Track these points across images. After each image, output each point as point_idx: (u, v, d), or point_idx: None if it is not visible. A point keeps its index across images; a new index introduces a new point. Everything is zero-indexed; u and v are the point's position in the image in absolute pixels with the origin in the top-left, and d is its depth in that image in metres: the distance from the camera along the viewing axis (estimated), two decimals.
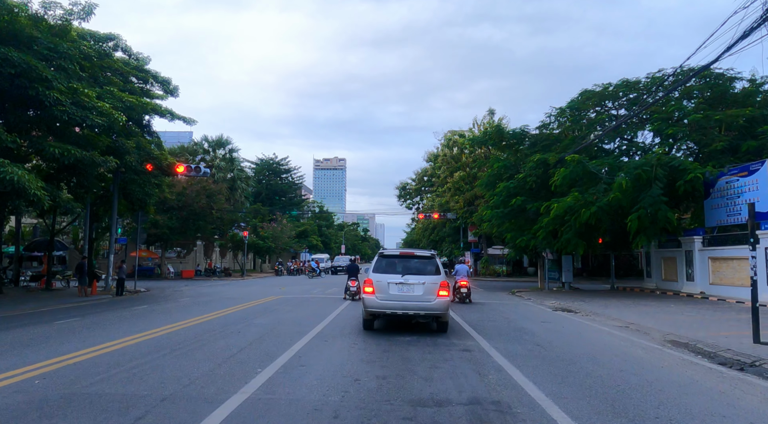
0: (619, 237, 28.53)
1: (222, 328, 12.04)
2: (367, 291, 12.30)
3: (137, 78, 25.46)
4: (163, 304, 19.26)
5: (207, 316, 14.69)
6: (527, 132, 29.84)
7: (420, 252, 13.16)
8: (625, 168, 21.88)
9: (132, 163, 23.44)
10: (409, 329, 12.61)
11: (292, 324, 12.89)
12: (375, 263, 12.82)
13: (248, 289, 29.10)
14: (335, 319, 14.33)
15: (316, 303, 19.49)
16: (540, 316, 16.56)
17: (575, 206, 22.88)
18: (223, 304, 18.84)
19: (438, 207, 55.63)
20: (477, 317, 15.57)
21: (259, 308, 17.04)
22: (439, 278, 12.45)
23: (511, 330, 12.82)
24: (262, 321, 13.38)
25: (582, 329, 13.41)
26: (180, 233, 44.39)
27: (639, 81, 27.08)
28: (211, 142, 60.97)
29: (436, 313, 12.08)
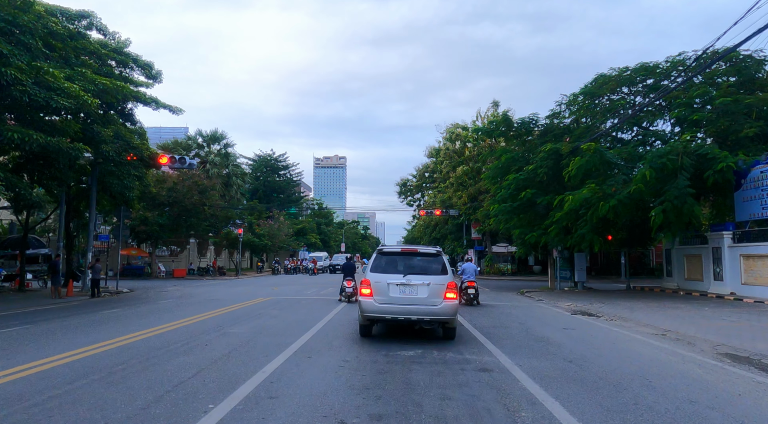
0: (635, 233, 26.65)
1: (188, 339, 10.12)
2: (364, 293, 10.49)
3: (116, 61, 23.51)
4: (138, 307, 17.35)
5: (179, 322, 12.77)
6: (537, 120, 27.87)
7: (424, 249, 11.28)
8: (647, 157, 19.93)
9: (109, 153, 21.51)
10: (412, 335, 10.70)
11: (274, 333, 10.97)
12: (373, 261, 10.95)
13: (239, 289, 27.19)
14: (326, 325, 12.41)
15: (307, 305, 17.58)
16: (559, 321, 14.64)
17: (592, 199, 20.95)
18: (204, 307, 16.93)
19: (440, 203, 53.64)
20: (488, 323, 13.65)
21: (241, 312, 15.12)
22: (446, 278, 10.60)
23: (531, 340, 10.89)
24: (239, 330, 11.45)
25: (613, 337, 11.48)
26: (171, 231, 42.52)
27: (658, 65, 25.10)
28: (206, 137, 59.03)
29: (443, 318, 10.30)
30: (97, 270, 22.88)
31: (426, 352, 9.12)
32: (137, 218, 40.05)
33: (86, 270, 24.02)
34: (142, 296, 22.76)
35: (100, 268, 23.40)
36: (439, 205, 53.31)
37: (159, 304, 18.59)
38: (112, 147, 21.67)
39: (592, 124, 26.76)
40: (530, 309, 18.03)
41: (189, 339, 10.08)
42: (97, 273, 22.77)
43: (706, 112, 21.39)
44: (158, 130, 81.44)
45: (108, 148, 21.45)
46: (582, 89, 26.09)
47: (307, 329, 11.62)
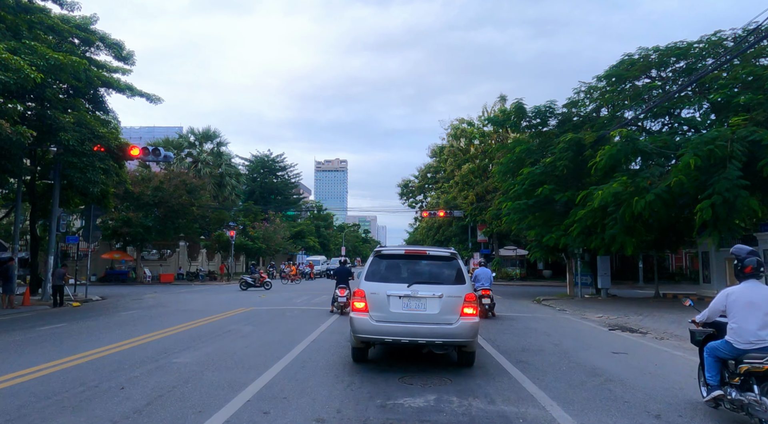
0: (666, 234, 23.81)
1: (107, 376, 7.31)
2: (357, 308, 7.85)
3: (80, 39, 20.77)
4: (91, 320, 14.53)
5: (119, 344, 9.95)
6: (554, 109, 25.04)
7: (434, 250, 8.52)
8: (689, 145, 17.08)
9: (69, 142, 18.71)
10: (420, 361, 7.85)
11: (232, 364, 8.14)
12: (369, 266, 8.23)
13: (222, 297, 24.37)
14: (307, 349, 9.58)
15: (291, 319, 14.74)
16: (599, 340, 11.80)
17: (623, 194, 18.13)
18: (168, 321, 14.11)
19: (444, 204, 50.84)
20: (515, 344, 10.82)
21: (207, 329, 12.29)
22: (463, 288, 7.94)
23: (580, 372, 8.06)
24: (187, 358, 8.62)
25: (685, 367, 8.65)
26: (158, 233, 39.71)
27: (691, 46, 22.26)
28: (198, 135, 56.30)
29: (460, 341, 7.68)
30: (59, 275, 20.11)
31: (441, 399, 6.28)
32: (119, 218, 37.33)
33: (46, 276, 21.22)
34: (109, 306, 19.98)
35: (63, 273, 20.60)
36: (443, 206, 50.48)
37: (119, 316, 15.78)
38: (72, 135, 18.87)
39: (615, 113, 23.93)
40: (557, 323, 15.19)
41: (108, 375, 7.25)
42: (59, 279, 20.02)
43: (757, 94, 18.52)
44: (151, 129, 78.80)
45: (67, 137, 18.64)
46: (607, 71, 23.25)
47: (280, 356, 8.79)
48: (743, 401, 5.31)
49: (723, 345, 5.71)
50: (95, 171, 19.87)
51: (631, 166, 23.06)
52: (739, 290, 5.71)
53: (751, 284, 5.68)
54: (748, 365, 5.33)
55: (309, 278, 47.63)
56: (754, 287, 5.64)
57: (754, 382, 5.29)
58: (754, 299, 5.54)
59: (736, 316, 5.59)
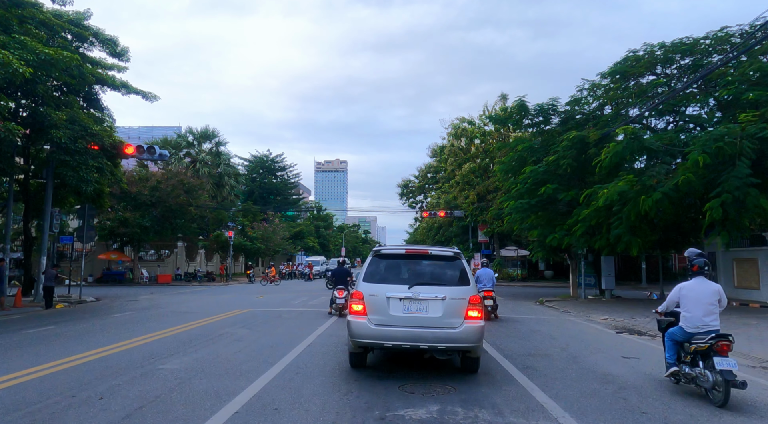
0: (671, 234, 23.36)
1: (86, 383, 6.87)
2: (355, 311, 7.42)
3: (73, 35, 20.31)
4: (83, 323, 14.07)
5: (107, 348, 9.49)
6: (557, 107, 24.58)
7: (437, 250, 8.07)
8: (696, 142, 16.62)
9: (61, 140, 18.27)
10: (421, 366, 7.39)
11: (222, 371, 7.68)
12: (367, 267, 7.78)
13: (219, 298, 23.91)
14: (303, 354, 9.13)
15: (289, 321, 14.28)
16: (607, 344, 11.35)
17: (629, 193, 17.68)
18: (161, 323, 13.66)
19: (444, 204, 50.40)
20: (520, 348, 10.37)
21: (199, 332, 11.84)
22: (468, 290, 7.50)
23: (591, 379, 7.61)
24: (174, 364, 8.16)
25: None
26: (156, 233, 39.24)
27: (697, 41, 21.79)
28: (196, 135, 55.83)
29: (464, 346, 7.25)
30: (50, 276, 19.70)
31: (444, 410, 5.82)
32: (116, 218, 36.90)
33: (39, 276, 20.77)
34: (103, 307, 19.52)
35: (54, 274, 20.20)
36: (443, 206, 50.05)
37: (111, 318, 15.32)
38: (65, 133, 18.43)
39: (619, 111, 23.47)
40: (562, 325, 14.73)
41: (89, 383, 6.79)
42: (50, 280, 19.61)
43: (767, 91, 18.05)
44: (150, 129, 78.29)
45: (59, 134, 18.20)
46: (611, 68, 22.77)
47: (274, 362, 8.33)
48: (692, 374, 6.71)
49: (678, 330, 7.04)
50: (89, 169, 19.40)
51: (635, 165, 22.66)
52: (689, 285, 6.98)
53: (699, 280, 6.96)
54: (695, 345, 6.70)
55: (308, 279, 47.15)
56: (701, 283, 6.92)
57: (699, 358, 6.67)
58: (701, 292, 6.84)
59: (687, 306, 6.90)
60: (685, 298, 6.92)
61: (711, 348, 6.48)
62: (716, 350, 6.44)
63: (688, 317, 6.83)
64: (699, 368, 6.60)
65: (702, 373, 6.51)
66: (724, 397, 6.22)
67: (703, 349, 6.57)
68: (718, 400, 6.28)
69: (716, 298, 6.84)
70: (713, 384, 6.36)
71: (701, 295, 6.82)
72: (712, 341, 6.49)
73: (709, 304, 6.78)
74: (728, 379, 6.16)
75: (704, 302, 6.79)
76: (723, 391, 6.23)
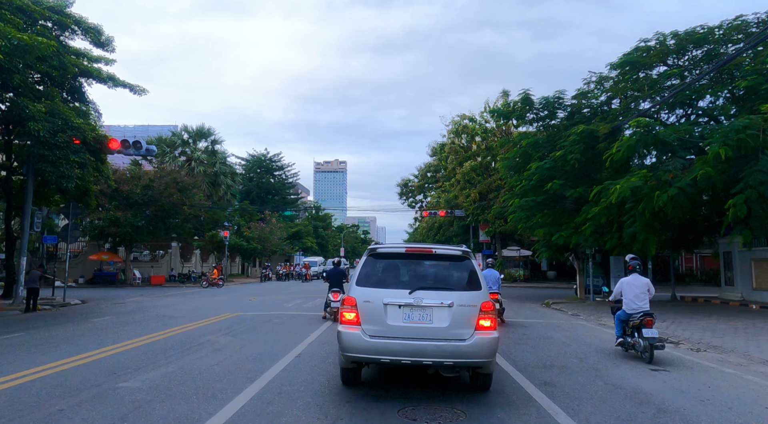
0: (684, 233, 22.31)
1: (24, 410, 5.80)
2: (347, 320, 6.34)
3: (53, 23, 19.23)
4: (59, 328, 12.98)
5: (69, 361, 8.41)
6: (563, 100, 23.51)
7: (442, 248, 6.98)
8: (715, 135, 15.56)
9: (39, 133, 17.19)
10: (424, 385, 6.32)
11: (192, 391, 6.60)
12: (361, 268, 6.71)
13: (210, 300, 22.81)
14: (290, 368, 8.05)
15: (278, 326, 13.20)
16: (629, 353, 10.25)
17: (642, 189, 16.63)
18: (141, 329, 12.58)
19: (444, 203, 49.33)
20: (532, 357, 9.31)
21: (178, 340, 10.74)
22: (479, 295, 6.38)
23: (623, 399, 6.54)
24: (137, 381, 7.07)
25: (744, 390, 7.12)
26: (149, 233, 38.12)
27: (712, 31, 20.73)
28: (191, 133, 54.62)
29: (475, 362, 6.13)
30: (34, 277, 18.64)
31: None
32: (107, 218, 35.75)
33: (19, 278, 19.67)
34: (84, 311, 18.43)
35: (38, 275, 19.12)
36: (444, 206, 48.98)
37: (90, 323, 14.23)
38: (43, 126, 17.34)
39: (629, 104, 22.41)
40: (573, 330, 13.65)
41: (28, 408, 5.69)
42: (34, 281, 18.55)
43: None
44: (146, 128, 77.02)
45: (38, 127, 17.13)
46: (621, 59, 21.68)
47: (254, 378, 7.25)
48: (632, 342, 9.38)
49: (622, 312, 9.70)
50: (70, 165, 18.29)
51: (645, 160, 21.63)
52: (628, 280, 9.63)
53: (634, 276, 9.63)
54: (632, 322, 9.38)
55: (305, 280, 46.02)
56: (635, 278, 9.58)
57: (635, 330, 9.30)
58: (635, 284, 9.48)
59: (626, 294, 9.53)
60: (624, 289, 9.59)
61: (642, 323, 9.10)
62: (644, 324, 9.05)
63: (627, 302, 9.53)
64: (635, 338, 9.32)
65: (636, 341, 9.26)
66: (650, 355, 8.98)
67: (636, 324, 9.25)
68: (647, 358, 9.01)
69: (646, 288, 9.49)
70: (643, 348, 9.10)
71: (635, 287, 9.48)
72: (642, 317, 9.13)
73: (641, 293, 9.43)
74: (652, 343, 8.91)
75: (637, 291, 9.44)
76: (649, 352, 8.99)
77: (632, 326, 9.35)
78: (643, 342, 8.96)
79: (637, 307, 9.29)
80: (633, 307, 9.33)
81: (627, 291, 9.48)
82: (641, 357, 9.17)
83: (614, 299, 10.01)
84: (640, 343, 9.08)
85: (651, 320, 9.03)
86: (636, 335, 9.21)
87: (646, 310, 9.23)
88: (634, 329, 9.30)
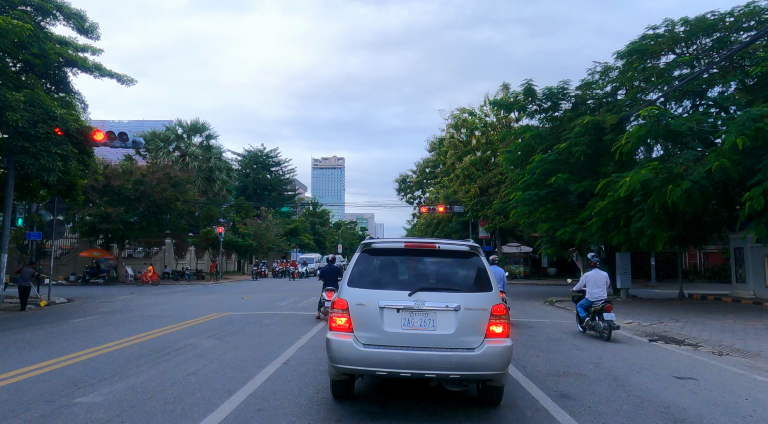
0: (693, 228, 21.52)
1: None
2: (337, 325, 5.51)
3: (33, 7, 18.28)
4: (35, 329, 12.12)
5: (32, 368, 7.56)
6: (567, 91, 22.65)
7: (447, 243, 6.11)
8: (732, 124, 14.74)
9: (18, 123, 16.30)
10: (425, 398, 5.49)
11: (162, 406, 5.77)
12: (354, 265, 5.87)
13: (201, 299, 21.97)
14: (276, 377, 7.22)
15: (269, 328, 12.35)
16: (647, 357, 9.45)
17: (653, 182, 15.82)
18: (121, 331, 11.73)
19: (443, 199, 48.50)
20: (544, 363, 8.50)
21: (159, 343, 9.90)
22: (489, 298, 5.57)
23: (648, 412, 5.74)
24: (103, 395, 6.23)
25: None
26: (141, 230, 37.21)
27: (723, 18, 19.87)
28: (186, 128, 53.66)
29: (485, 374, 5.31)
30: (27, 275, 17.94)
31: None
32: (98, 214, 34.80)
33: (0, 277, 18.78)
34: (69, 310, 17.60)
35: (31, 272, 18.40)
36: (443, 201, 48.14)
37: (69, 324, 13.38)
38: (22, 116, 16.45)
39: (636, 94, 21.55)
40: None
41: None
42: (26, 279, 17.85)
43: None
44: (141, 123, 75.91)
45: (16, 117, 16.25)
46: (628, 47, 20.80)
47: (235, 389, 6.40)
48: (593, 324, 11.46)
49: (585, 300, 11.67)
50: (51, 157, 17.38)
51: (652, 154, 20.84)
52: (590, 274, 11.70)
53: (596, 270, 11.74)
54: (594, 307, 11.40)
55: (292, 278, 44.91)
56: (597, 272, 11.67)
57: (596, 315, 11.37)
58: (597, 278, 11.54)
59: (589, 286, 11.58)
60: (589, 282, 11.61)
61: (602, 308, 11.04)
62: (605, 309, 10.99)
63: (590, 292, 11.49)
64: (596, 321, 11.31)
65: (597, 323, 11.24)
66: (609, 334, 10.95)
67: (598, 309, 11.22)
68: (605, 337, 10.97)
69: (604, 281, 11.49)
70: (603, 328, 11.04)
71: (597, 279, 11.51)
72: (602, 304, 11.11)
73: (602, 284, 11.43)
74: (610, 324, 10.89)
75: (599, 283, 11.46)
76: (608, 332, 10.94)
77: (594, 311, 11.40)
78: (603, 324, 10.99)
79: (599, 296, 11.27)
80: (595, 296, 11.32)
81: (590, 283, 11.50)
82: (601, 336, 11.13)
83: (578, 289, 12.06)
84: (600, 324, 11.12)
85: (610, 306, 11.03)
86: (597, 319, 11.25)
87: (605, 298, 11.24)
88: (596, 313, 11.32)
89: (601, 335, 11.05)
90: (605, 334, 10.91)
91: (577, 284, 11.90)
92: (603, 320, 10.87)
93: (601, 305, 11.03)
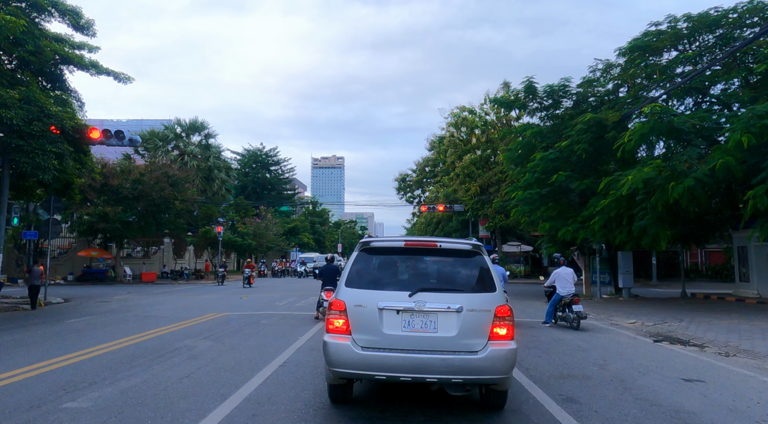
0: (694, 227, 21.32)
1: None
2: (335, 327, 5.30)
3: (27, 4, 18.04)
4: (29, 330, 11.90)
5: (20, 371, 7.35)
6: (568, 88, 22.42)
7: (449, 242, 5.90)
8: (737, 121, 14.52)
9: (12, 121, 16.08)
10: (426, 402, 5.31)
11: (152, 412, 5.56)
12: (352, 265, 5.65)
13: (198, 299, 21.75)
14: (271, 380, 7.01)
15: (267, 328, 12.14)
16: (652, 358, 9.24)
17: (656, 180, 15.60)
18: (116, 332, 11.51)
19: (443, 198, 48.27)
20: (547, 365, 8.28)
21: (153, 345, 9.68)
22: (493, 298, 5.37)
23: (657, 417, 5.53)
24: (91, 400, 6.02)
25: None
26: (139, 229, 36.99)
27: (726, 14, 19.65)
28: (185, 126, 53.37)
29: (489, 379, 5.10)
30: (36, 274, 17.93)
31: None
32: (96, 213, 34.57)
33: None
34: (65, 310, 17.39)
35: (40, 272, 18.31)
36: (443, 200, 47.91)
37: (64, 325, 13.16)
38: (17, 114, 16.23)
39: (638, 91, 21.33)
40: (585, 332, 12.60)
41: None
42: (36, 278, 17.85)
43: None
44: (140, 122, 75.69)
45: (11, 115, 16.02)
46: (630, 43, 20.57)
47: (229, 394, 6.19)
48: (563, 315, 12.77)
49: (556, 295, 12.91)
50: (46, 155, 17.14)
51: (656, 151, 20.64)
52: (560, 271, 13.05)
53: (564, 268, 13.13)
54: (564, 301, 12.70)
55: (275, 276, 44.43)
56: (565, 269, 13.06)
57: (566, 307, 12.66)
58: (566, 274, 12.91)
59: (559, 282, 12.85)
60: (559, 278, 12.87)
61: (571, 301, 12.39)
62: (573, 302, 12.37)
63: (561, 287, 12.70)
64: (566, 313, 12.58)
65: (567, 314, 12.51)
66: (577, 324, 12.34)
67: (567, 302, 12.50)
68: (574, 326, 12.32)
69: (572, 277, 12.87)
70: (572, 319, 12.34)
71: (566, 275, 12.82)
72: (571, 297, 12.44)
73: (570, 280, 12.78)
74: (578, 315, 12.27)
75: (568, 279, 12.76)
76: (577, 321, 12.32)
77: (563, 304, 12.68)
78: (572, 315, 12.33)
79: (568, 291, 12.62)
80: (565, 291, 12.63)
81: (560, 280, 12.81)
82: (570, 326, 12.44)
83: (549, 285, 13.44)
84: (569, 315, 12.42)
85: (578, 299, 12.55)
86: (566, 310, 12.57)
87: (573, 292, 12.68)
88: (566, 306, 12.62)
89: (571, 324, 12.38)
90: (575, 324, 12.29)
91: (548, 281, 13.39)
92: (572, 311, 12.30)
93: (570, 299, 12.45)
